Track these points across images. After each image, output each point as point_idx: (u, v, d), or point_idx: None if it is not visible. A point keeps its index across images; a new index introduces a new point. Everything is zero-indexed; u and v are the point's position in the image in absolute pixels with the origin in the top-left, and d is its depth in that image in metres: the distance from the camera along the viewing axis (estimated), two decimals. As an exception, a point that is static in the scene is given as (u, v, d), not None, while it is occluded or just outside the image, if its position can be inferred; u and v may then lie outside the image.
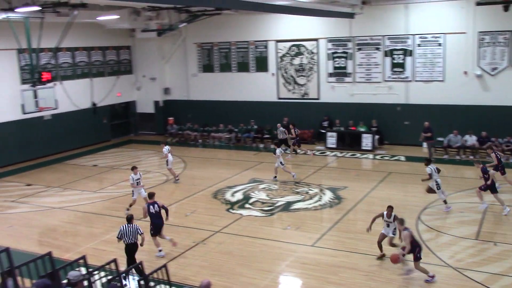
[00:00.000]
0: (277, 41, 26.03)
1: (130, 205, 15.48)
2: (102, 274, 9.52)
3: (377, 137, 23.39)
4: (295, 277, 11.32)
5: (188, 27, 27.15)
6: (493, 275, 10.78)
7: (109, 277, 9.00)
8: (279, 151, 18.92)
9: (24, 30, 19.90)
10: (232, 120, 26.56)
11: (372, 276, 10.89)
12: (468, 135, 21.19)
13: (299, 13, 19.24)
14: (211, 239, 13.36)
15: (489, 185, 14.50)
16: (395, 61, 23.40)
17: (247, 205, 16.12)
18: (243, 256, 12.26)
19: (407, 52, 23.07)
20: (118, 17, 23.33)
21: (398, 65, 23.37)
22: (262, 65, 26.63)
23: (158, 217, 12.42)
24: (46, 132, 24.17)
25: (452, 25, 21.93)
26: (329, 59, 24.87)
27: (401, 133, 23.51)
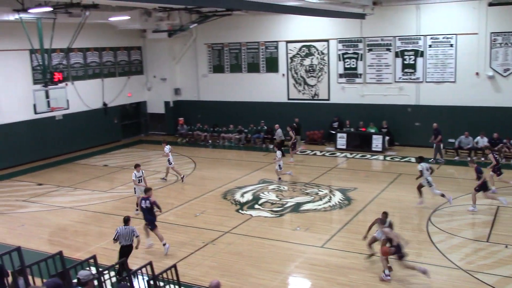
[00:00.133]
0: (287, 42, 26.01)
1: (137, 204, 15.53)
2: (112, 273, 9.57)
3: (387, 138, 23.30)
4: (305, 278, 11.30)
5: (199, 28, 27.23)
6: (505, 278, 10.68)
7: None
8: (280, 153, 19.01)
9: (36, 31, 20.05)
10: (242, 121, 26.58)
11: (383, 276, 10.84)
12: (479, 136, 21.02)
13: (310, 13, 19.19)
14: (221, 240, 13.38)
15: (481, 184, 14.77)
16: (406, 62, 23.29)
17: (256, 206, 16.11)
18: (252, 256, 12.26)
19: (418, 53, 22.95)
20: (129, 18, 23.45)
21: (409, 66, 23.25)
22: (272, 65, 26.62)
23: (149, 213, 12.61)
24: (58, 132, 24.36)
25: (464, 25, 21.78)
26: (339, 60, 24.81)
27: (412, 134, 23.39)
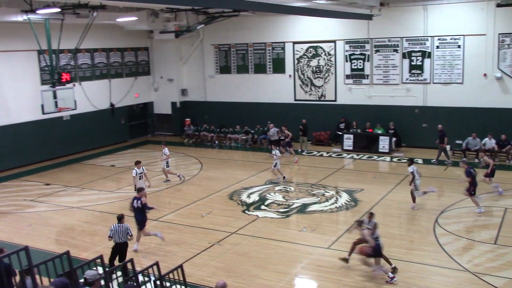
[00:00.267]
0: (294, 43, 26.00)
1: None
2: (119, 273, 9.60)
3: (394, 139, 23.24)
4: (311, 279, 11.28)
5: (206, 29, 27.27)
6: (512, 281, 10.63)
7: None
8: (278, 152, 19.16)
9: (44, 32, 20.15)
10: (248, 122, 26.59)
11: (388, 280, 10.81)
12: (487, 138, 20.92)
13: (317, 14, 19.16)
14: (227, 240, 13.39)
15: (472, 185, 15.01)
16: (413, 63, 23.21)
17: (263, 207, 16.11)
18: (258, 257, 12.26)
19: (425, 54, 22.87)
20: (136, 18, 23.51)
21: (416, 67, 23.17)
22: (279, 66, 26.62)
23: (139, 213, 12.79)
24: (65, 132, 24.46)
25: (472, 26, 21.69)
26: (346, 60, 24.77)
27: (419, 135, 23.31)
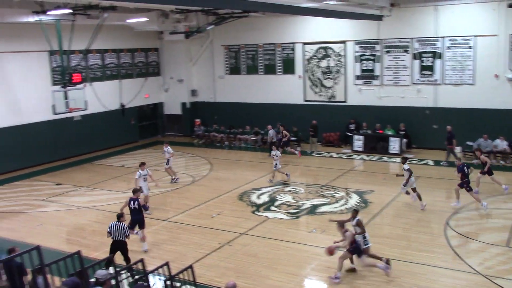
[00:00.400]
0: (304, 44, 25.97)
1: (145, 202, 15.70)
2: (129, 273, 9.64)
3: (404, 140, 23.13)
4: (321, 281, 11.24)
5: (216, 29, 27.29)
6: (524, 284, 10.54)
7: (136, 276, 9.11)
8: (279, 153, 19.28)
9: (55, 33, 20.28)
10: (258, 122, 26.57)
11: (399, 282, 10.76)
12: (499, 139, 20.77)
13: (327, 15, 19.13)
14: (237, 241, 13.39)
15: (464, 181, 15.19)
16: (424, 64, 23.10)
17: (272, 208, 16.10)
18: (268, 258, 12.25)
19: (436, 55, 22.75)
20: (146, 19, 23.61)
21: (427, 68, 23.06)
22: (289, 67, 26.60)
23: (136, 213, 12.88)
24: (76, 133, 24.59)
25: (483, 27, 21.54)
26: (356, 61, 24.70)
27: (430, 137, 23.16)
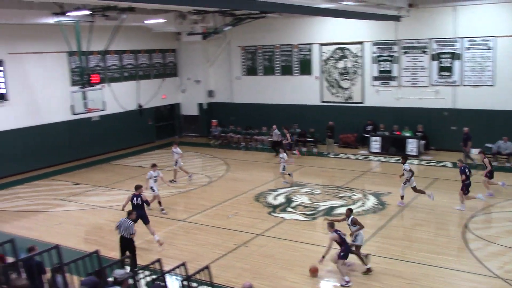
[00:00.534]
0: (321, 44, 25.89)
1: (159, 202, 16.18)
2: (147, 273, 9.69)
3: (422, 142, 22.93)
4: (337, 282, 11.18)
5: (233, 30, 27.35)
6: (545, 288, 10.38)
7: (153, 276, 9.16)
8: (285, 155, 19.20)
9: (74, 34, 20.49)
10: (275, 123, 26.46)
11: (415, 285, 10.67)
12: (519, 141, 20.52)
13: (344, 16, 19.04)
14: (253, 242, 13.40)
15: (464, 183, 15.12)
16: (442, 65, 22.87)
17: (289, 209, 16.09)
18: (284, 259, 12.24)
19: (455, 56, 22.51)
20: (164, 20, 23.74)
21: (445, 69, 22.83)
22: (305, 68, 26.55)
23: (140, 209, 13.23)
24: (94, 133, 24.84)
25: (503, 27, 21.25)
26: (374, 62, 24.55)
27: (448, 138, 22.90)
